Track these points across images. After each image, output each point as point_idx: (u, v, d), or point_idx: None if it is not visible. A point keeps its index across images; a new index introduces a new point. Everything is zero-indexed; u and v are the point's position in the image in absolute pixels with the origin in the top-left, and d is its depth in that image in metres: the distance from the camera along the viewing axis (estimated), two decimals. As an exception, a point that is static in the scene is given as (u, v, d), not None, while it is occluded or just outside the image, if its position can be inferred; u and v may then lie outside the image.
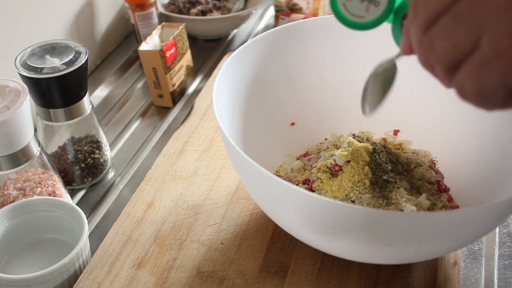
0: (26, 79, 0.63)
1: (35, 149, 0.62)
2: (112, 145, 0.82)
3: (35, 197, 0.63)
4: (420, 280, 0.57)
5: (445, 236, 0.47)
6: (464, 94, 0.37)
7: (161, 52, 0.82)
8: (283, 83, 0.68)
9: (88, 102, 0.70)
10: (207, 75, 0.96)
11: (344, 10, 0.43)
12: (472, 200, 0.60)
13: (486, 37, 0.34)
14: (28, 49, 0.66)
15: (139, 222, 0.64)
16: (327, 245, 0.53)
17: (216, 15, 1.03)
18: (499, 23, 0.33)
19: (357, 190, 0.55)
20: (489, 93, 0.35)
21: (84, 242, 0.58)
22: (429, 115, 0.67)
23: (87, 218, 0.68)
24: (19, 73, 0.63)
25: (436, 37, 0.36)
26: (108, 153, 0.76)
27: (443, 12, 0.35)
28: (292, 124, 0.69)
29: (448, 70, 0.37)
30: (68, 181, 0.73)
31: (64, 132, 0.71)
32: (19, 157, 0.60)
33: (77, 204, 0.72)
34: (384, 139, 0.68)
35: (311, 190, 0.59)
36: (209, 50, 1.04)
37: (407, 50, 0.41)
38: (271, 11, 1.16)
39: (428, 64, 0.39)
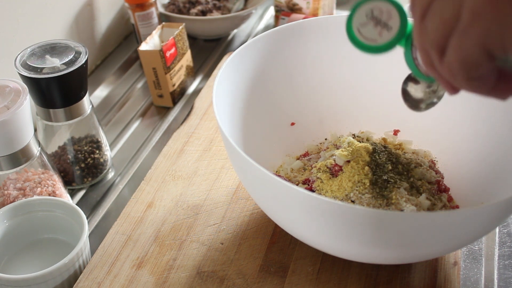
0: (26, 79, 0.63)
1: (35, 149, 0.62)
2: (112, 145, 0.82)
3: (35, 197, 0.63)
4: (420, 280, 0.57)
5: (445, 236, 0.47)
6: (453, 74, 0.38)
7: (161, 52, 0.82)
8: (283, 83, 0.68)
9: (88, 102, 0.70)
10: (207, 75, 0.96)
11: (359, 34, 0.44)
12: (472, 200, 0.60)
13: (465, 5, 0.35)
14: (28, 49, 0.66)
15: (139, 222, 0.64)
16: (327, 245, 0.53)
17: (216, 15, 1.03)
18: None
19: (357, 190, 0.55)
20: (472, 60, 0.36)
21: (84, 242, 0.58)
22: (429, 115, 0.66)
23: (87, 218, 0.68)
24: (19, 73, 0.63)
25: (428, 20, 0.37)
26: (108, 153, 0.76)
27: None
28: (292, 124, 0.69)
29: (439, 51, 0.38)
30: (68, 181, 0.73)
31: (64, 132, 0.71)
32: (19, 157, 0.60)
33: (77, 204, 0.72)
34: (384, 139, 0.68)
35: (311, 190, 0.59)
36: (209, 50, 1.04)
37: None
38: (271, 11, 1.16)
39: (427, 57, 0.39)
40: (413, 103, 0.51)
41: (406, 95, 0.51)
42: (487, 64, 0.36)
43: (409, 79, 0.51)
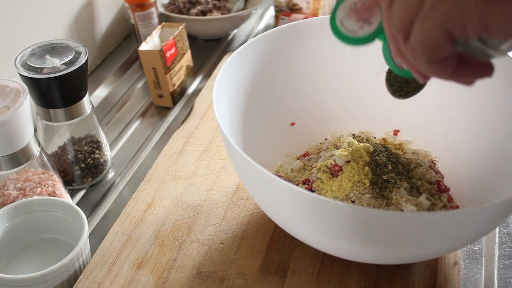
0: (26, 79, 0.63)
1: (35, 149, 0.62)
2: (112, 145, 0.82)
3: (35, 197, 0.63)
4: (420, 280, 0.57)
5: (445, 236, 0.47)
6: (417, 57, 0.39)
7: (161, 52, 0.82)
8: (283, 83, 0.68)
9: (88, 102, 0.70)
10: (207, 75, 0.96)
11: (341, 26, 0.48)
12: (472, 200, 0.60)
13: None
14: (28, 49, 0.66)
15: (139, 222, 0.64)
16: (327, 245, 0.53)
17: (216, 15, 1.03)
18: None
19: (357, 190, 0.55)
20: (433, 42, 0.37)
21: (84, 242, 0.58)
22: (429, 115, 0.67)
23: (87, 218, 0.68)
24: (19, 73, 0.63)
25: (395, 7, 0.39)
26: (108, 153, 0.76)
27: None
28: (292, 124, 0.69)
29: (404, 35, 0.39)
30: (68, 181, 0.73)
31: (64, 132, 0.71)
32: (19, 157, 0.60)
33: (77, 204, 0.72)
34: (384, 139, 0.68)
35: (311, 190, 0.59)
36: (209, 50, 1.04)
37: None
38: (271, 11, 1.16)
39: (395, 43, 0.41)
40: (396, 91, 0.52)
41: (389, 82, 0.52)
42: (448, 47, 0.37)
43: None
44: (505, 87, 0.59)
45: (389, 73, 0.52)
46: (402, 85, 0.51)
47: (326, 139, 0.69)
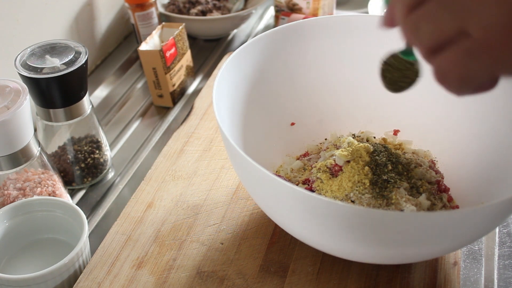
0: (26, 79, 0.63)
1: (35, 149, 0.62)
2: (112, 145, 0.82)
3: (35, 197, 0.63)
4: (420, 280, 0.57)
5: (445, 236, 0.47)
6: (443, 77, 0.38)
7: (161, 52, 0.82)
8: (283, 83, 0.68)
9: (88, 102, 0.70)
10: (207, 75, 0.96)
11: None
12: (472, 200, 0.60)
13: (473, 25, 0.34)
14: (28, 49, 0.66)
15: (139, 222, 0.64)
16: (327, 245, 0.53)
17: (216, 15, 1.03)
18: (487, 12, 0.34)
19: (357, 190, 0.55)
20: (473, 79, 0.36)
21: (84, 242, 0.58)
22: (429, 115, 0.67)
23: (87, 218, 0.68)
24: (19, 73, 0.63)
25: (420, 19, 0.37)
26: (108, 153, 0.76)
27: None
28: (292, 124, 0.69)
29: (429, 52, 0.38)
30: (68, 181, 0.73)
31: (64, 132, 0.71)
32: (19, 157, 0.60)
33: (77, 204, 0.72)
34: (384, 139, 0.68)
35: (311, 190, 0.59)
36: (209, 50, 1.04)
37: (388, 23, 0.42)
38: (271, 11, 1.16)
39: (410, 41, 0.39)
40: (389, 83, 0.51)
41: (383, 74, 0.51)
42: (489, 85, 0.36)
43: (387, 59, 0.51)
44: (505, 87, 0.59)
45: (384, 65, 0.51)
46: (396, 78, 0.50)
47: (326, 139, 0.69)
